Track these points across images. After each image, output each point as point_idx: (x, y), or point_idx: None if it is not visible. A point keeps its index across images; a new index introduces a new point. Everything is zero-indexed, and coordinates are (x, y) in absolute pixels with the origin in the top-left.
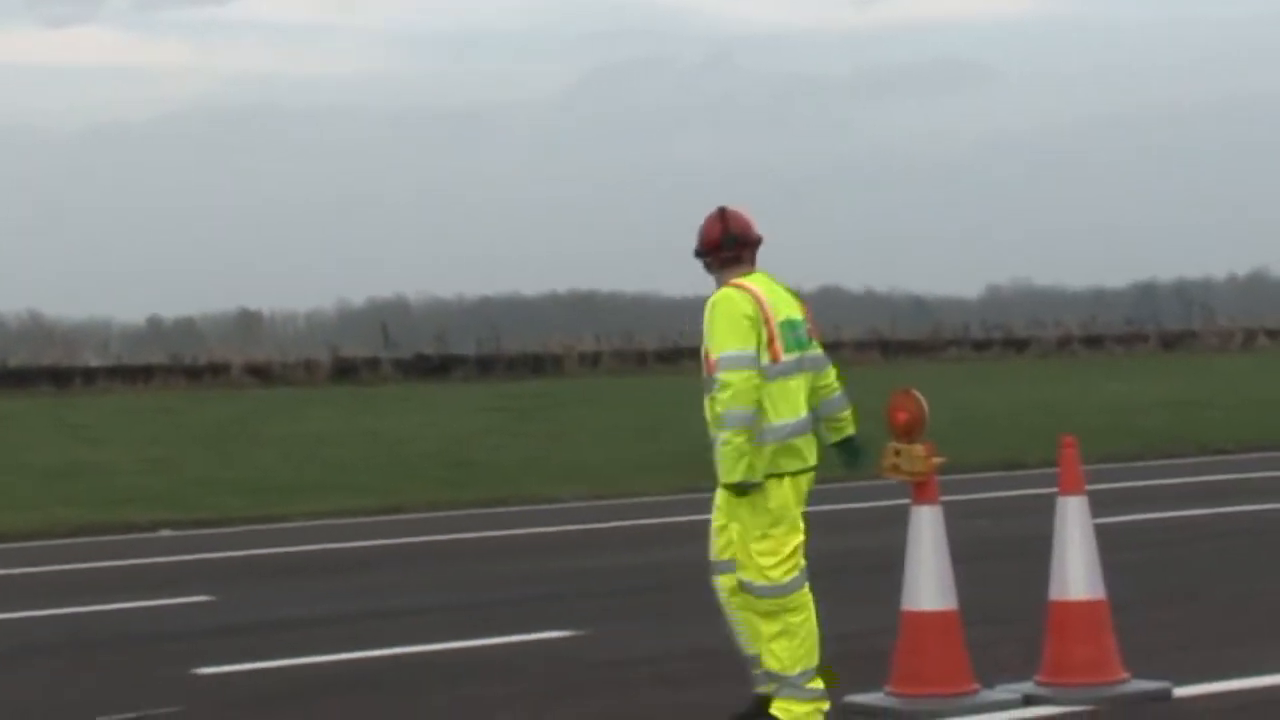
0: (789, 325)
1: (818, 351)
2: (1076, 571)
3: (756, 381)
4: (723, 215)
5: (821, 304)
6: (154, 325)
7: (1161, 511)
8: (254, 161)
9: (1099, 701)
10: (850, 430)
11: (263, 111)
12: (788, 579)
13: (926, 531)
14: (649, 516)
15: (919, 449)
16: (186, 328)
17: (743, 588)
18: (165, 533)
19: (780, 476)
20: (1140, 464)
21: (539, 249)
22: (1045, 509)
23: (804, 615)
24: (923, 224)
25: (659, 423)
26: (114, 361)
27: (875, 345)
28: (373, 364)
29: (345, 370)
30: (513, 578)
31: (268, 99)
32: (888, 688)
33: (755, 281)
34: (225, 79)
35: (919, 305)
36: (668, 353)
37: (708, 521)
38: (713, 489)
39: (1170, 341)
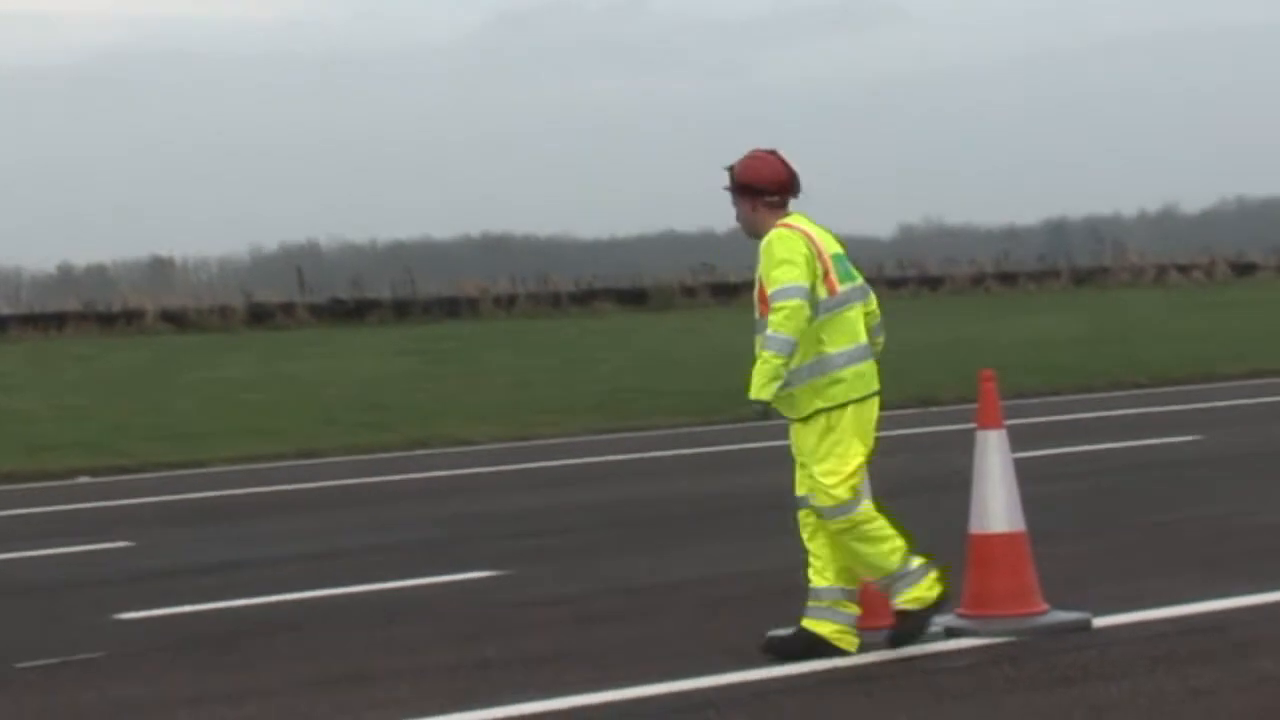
0: (838, 259)
1: (861, 281)
2: (997, 505)
3: (808, 313)
4: (780, 158)
5: (733, 244)
6: (65, 273)
7: (1077, 445)
8: (164, 108)
9: (1020, 633)
10: (878, 350)
11: (172, 57)
12: (850, 496)
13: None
14: (566, 457)
15: None
16: (98, 275)
17: (819, 516)
18: (83, 479)
19: (844, 406)
20: (1055, 399)
21: (451, 193)
22: (960, 444)
23: (878, 521)
24: (834, 165)
25: (574, 364)
26: (26, 310)
27: None
28: (288, 309)
29: (260, 315)
30: (432, 519)
31: (178, 44)
32: None
33: (799, 220)
34: (137, 24)
35: None
36: (582, 295)
37: (623, 461)
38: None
39: (1082, 278)
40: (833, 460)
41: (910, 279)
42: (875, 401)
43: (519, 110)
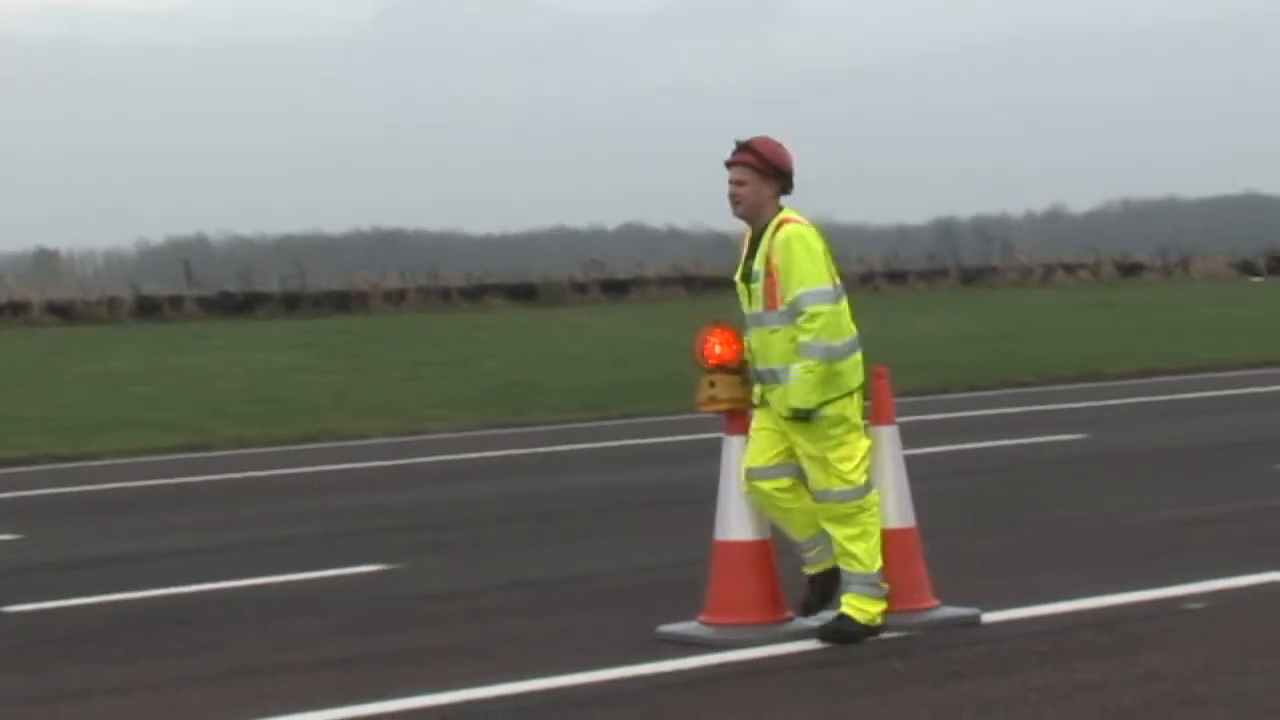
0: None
1: None
2: (888, 501)
3: (840, 313)
4: None
5: (623, 241)
6: None
7: (966, 443)
8: (50, 97)
9: (910, 628)
10: None
11: (57, 46)
12: (864, 480)
13: (734, 460)
14: (456, 452)
15: (736, 379)
16: None
17: (819, 499)
18: None
19: (852, 393)
20: (944, 397)
21: (341, 187)
22: None
23: (876, 515)
24: (721, 162)
25: (464, 359)
26: None
27: (679, 281)
28: (176, 302)
29: (148, 308)
30: (322, 513)
31: (63, 33)
32: (701, 617)
33: (798, 214)
34: (24, 12)
35: (722, 242)
36: (472, 290)
37: (514, 456)
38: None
39: (971, 277)
40: (846, 446)
41: None
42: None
43: (409, 105)
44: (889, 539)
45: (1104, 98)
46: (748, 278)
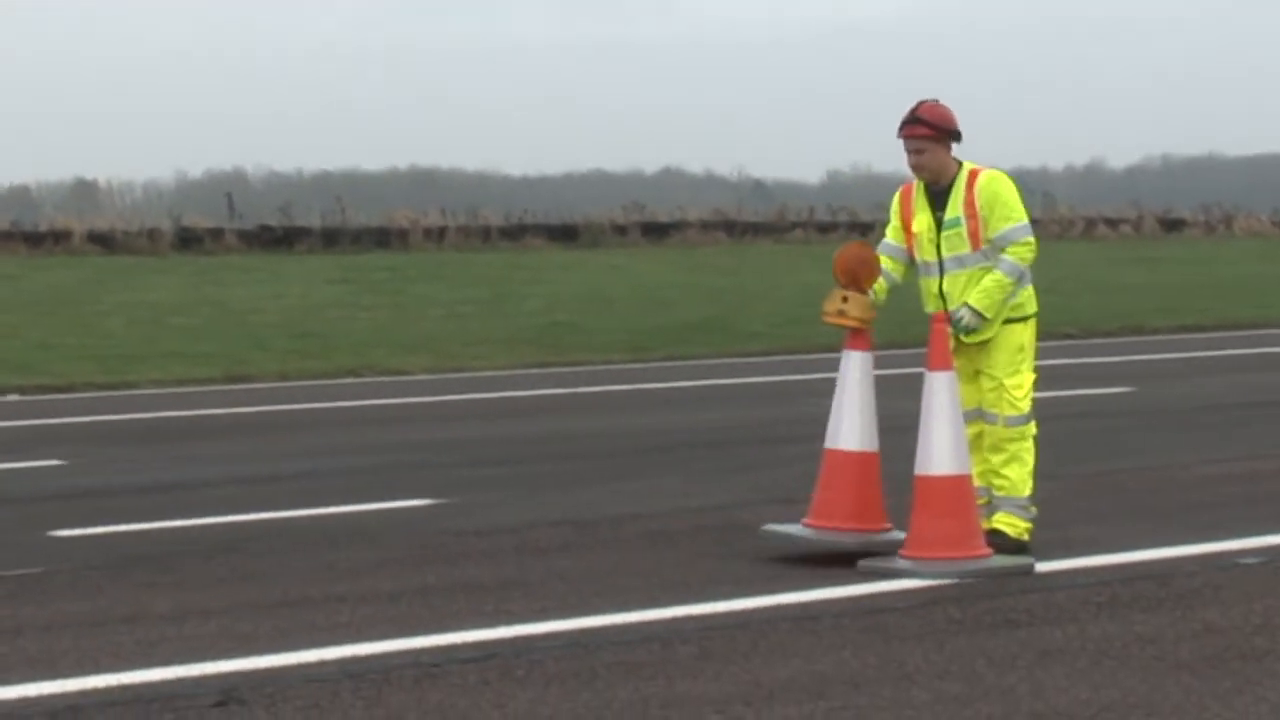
0: None
1: None
2: (943, 447)
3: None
4: None
5: (661, 185)
6: None
7: None
8: (87, 26)
9: (964, 575)
10: None
11: None
12: (1029, 407)
13: (854, 373)
14: (497, 390)
15: (867, 300)
16: (21, 196)
17: (990, 422)
18: (12, 397)
19: (1028, 319)
20: None
21: (376, 125)
22: (897, 390)
23: (1032, 444)
24: (761, 109)
25: (505, 298)
26: None
27: (720, 225)
28: (216, 234)
29: (188, 240)
30: (368, 447)
31: None
32: (805, 520)
33: (975, 164)
34: None
35: (760, 188)
36: (512, 229)
37: (557, 395)
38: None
39: None
40: (1020, 375)
41: (841, 224)
42: None
43: (443, 44)
44: (943, 486)
45: (1144, 53)
46: (941, 226)
